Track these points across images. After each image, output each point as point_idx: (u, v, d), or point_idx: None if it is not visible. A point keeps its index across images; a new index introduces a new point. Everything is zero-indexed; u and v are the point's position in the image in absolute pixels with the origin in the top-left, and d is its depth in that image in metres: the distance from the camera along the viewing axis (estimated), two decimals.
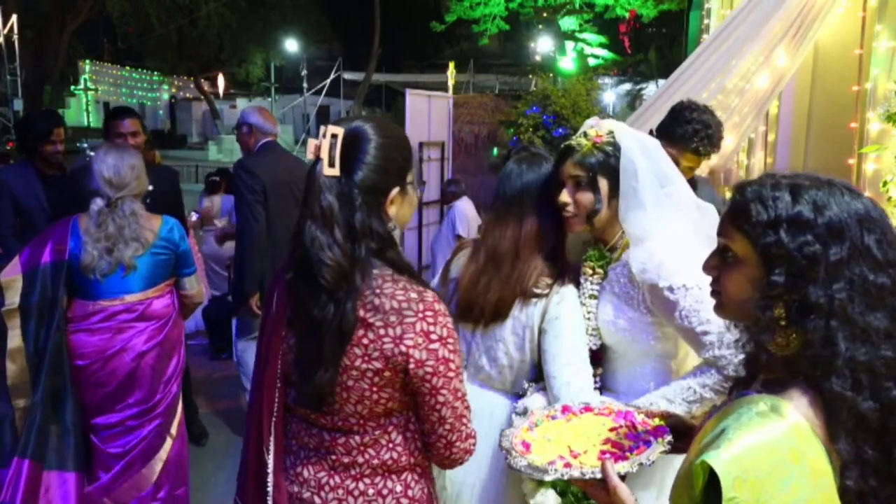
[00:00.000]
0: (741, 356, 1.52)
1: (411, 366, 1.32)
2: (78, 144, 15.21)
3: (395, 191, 1.38)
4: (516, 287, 1.79)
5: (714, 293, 1.09)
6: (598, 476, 1.12)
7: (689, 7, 7.58)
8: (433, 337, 1.32)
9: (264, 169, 3.60)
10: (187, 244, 2.87)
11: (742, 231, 1.00)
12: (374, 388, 1.34)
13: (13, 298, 2.50)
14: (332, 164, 1.31)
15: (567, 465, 1.17)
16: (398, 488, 1.41)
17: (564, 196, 1.77)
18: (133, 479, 2.72)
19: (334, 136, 1.32)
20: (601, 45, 16.64)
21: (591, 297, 1.84)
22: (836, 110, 3.37)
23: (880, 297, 0.93)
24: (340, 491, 1.39)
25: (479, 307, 1.80)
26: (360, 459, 1.39)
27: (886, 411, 0.91)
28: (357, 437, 1.39)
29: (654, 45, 17.38)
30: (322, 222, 1.30)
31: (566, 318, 1.77)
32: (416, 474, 1.45)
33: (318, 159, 1.33)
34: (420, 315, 1.31)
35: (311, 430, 1.42)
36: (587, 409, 1.39)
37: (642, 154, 1.74)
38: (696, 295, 1.63)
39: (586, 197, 1.75)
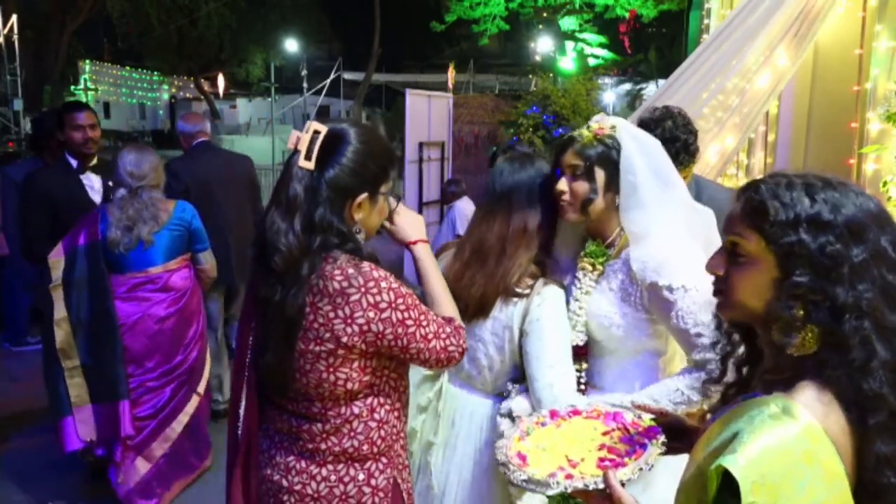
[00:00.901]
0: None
1: (370, 338, 1.38)
2: None
3: (364, 196, 1.44)
4: (500, 283, 1.79)
5: (718, 293, 1.07)
6: (601, 486, 1.10)
7: (689, 7, 7.57)
8: (382, 306, 1.37)
9: (188, 170, 3.89)
10: (199, 223, 3.31)
11: (758, 230, 0.98)
12: (331, 370, 1.39)
13: (57, 276, 3.04)
14: (308, 158, 1.38)
15: (568, 476, 1.15)
16: (360, 476, 1.47)
17: (562, 184, 1.78)
18: (164, 434, 3.21)
19: (317, 132, 1.40)
20: (601, 45, 16.63)
21: (586, 292, 1.83)
22: (836, 110, 3.37)
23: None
24: (305, 476, 1.46)
25: (463, 301, 1.78)
26: (323, 446, 1.45)
27: None
28: (319, 425, 1.45)
29: (654, 45, 17.38)
30: (285, 210, 1.38)
31: (547, 318, 1.76)
32: (380, 464, 1.50)
33: (296, 151, 1.40)
34: (363, 289, 1.36)
35: (282, 415, 1.49)
36: (575, 412, 1.37)
37: (642, 153, 1.75)
38: (694, 296, 1.63)
39: (582, 186, 1.76)
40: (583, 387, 1.84)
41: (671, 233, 1.72)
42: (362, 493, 1.47)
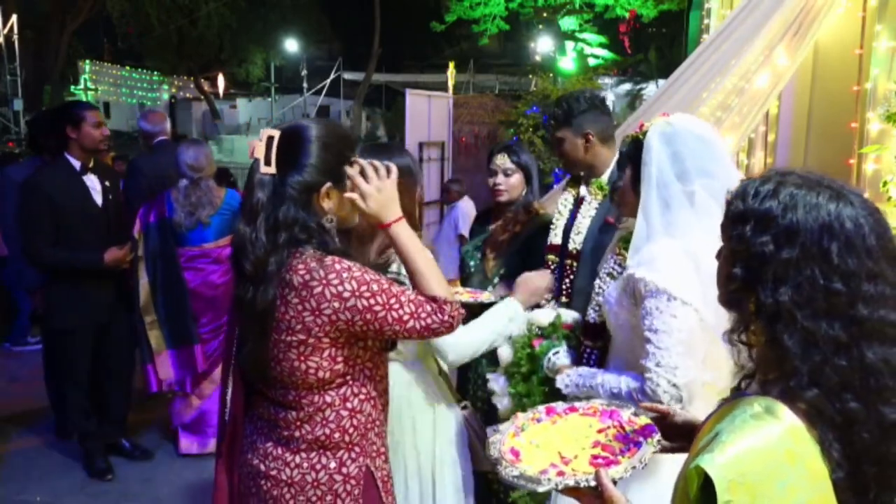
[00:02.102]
0: (670, 385, 1.56)
1: (342, 327, 1.43)
2: None
3: (327, 185, 1.49)
4: None
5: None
6: (593, 484, 1.10)
7: (689, 7, 7.57)
8: (346, 296, 1.41)
9: (149, 166, 4.06)
10: None
11: (722, 224, 1.02)
12: (301, 359, 1.45)
13: (140, 248, 3.68)
14: (267, 163, 1.46)
15: (560, 473, 1.14)
16: (332, 464, 1.52)
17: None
18: (211, 376, 3.83)
19: (270, 137, 1.47)
20: (601, 45, 16.60)
21: (608, 274, 1.92)
22: (836, 110, 3.37)
23: (833, 305, 0.90)
24: (280, 462, 1.52)
25: None
26: (297, 434, 1.51)
27: (847, 423, 0.89)
28: (294, 412, 1.51)
29: (654, 45, 17.33)
30: (249, 217, 1.46)
31: None
32: (352, 453, 1.54)
33: (256, 159, 1.47)
34: (324, 282, 1.41)
35: (264, 402, 1.57)
36: (572, 409, 1.37)
37: (667, 153, 1.72)
38: (660, 301, 1.61)
39: (617, 179, 1.89)
40: (594, 366, 1.91)
41: (683, 235, 1.69)
42: (333, 480, 1.52)
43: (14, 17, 15.00)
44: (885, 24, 2.99)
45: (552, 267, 2.61)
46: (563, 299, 2.52)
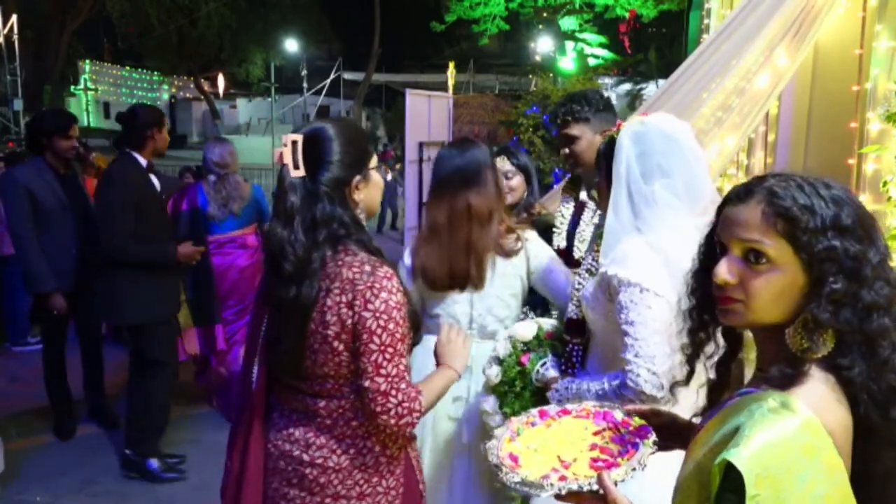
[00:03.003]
0: (650, 373, 1.59)
1: (349, 325, 1.49)
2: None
3: (357, 178, 1.58)
4: (470, 256, 2.14)
5: (729, 300, 1.03)
6: (595, 487, 1.09)
7: (689, 7, 7.57)
8: (370, 307, 1.48)
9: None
10: (266, 202, 4.38)
11: (786, 237, 0.97)
12: (334, 352, 1.51)
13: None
14: (296, 167, 1.51)
15: (562, 478, 1.13)
16: (377, 448, 1.59)
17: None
18: (233, 354, 4.21)
19: (294, 142, 1.52)
20: (601, 45, 16.62)
21: (587, 271, 1.94)
22: (836, 110, 3.36)
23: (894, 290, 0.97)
24: (325, 450, 1.57)
25: (431, 275, 2.18)
26: (341, 422, 1.57)
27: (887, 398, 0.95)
28: (336, 402, 1.56)
29: (654, 45, 17.33)
30: (284, 220, 1.51)
31: (544, 249, 2.30)
32: (393, 435, 1.60)
33: (283, 165, 1.52)
34: (368, 284, 1.49)
35: (297, 395, 1.60)
36: (565, 412, 1.36)
37: (630, 149, 1.76)
38: (634, 292, 1.65)
39: (597, 178, 1.92)
40: (576, 364, 1.93)
41: (651, 231, 1.72)
42: (379, 462, 1.60)
43: (14, 17, 15.01)
44: (885, 24, 2.99)
45: None
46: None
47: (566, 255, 2.59)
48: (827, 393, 0.95)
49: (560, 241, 2.64)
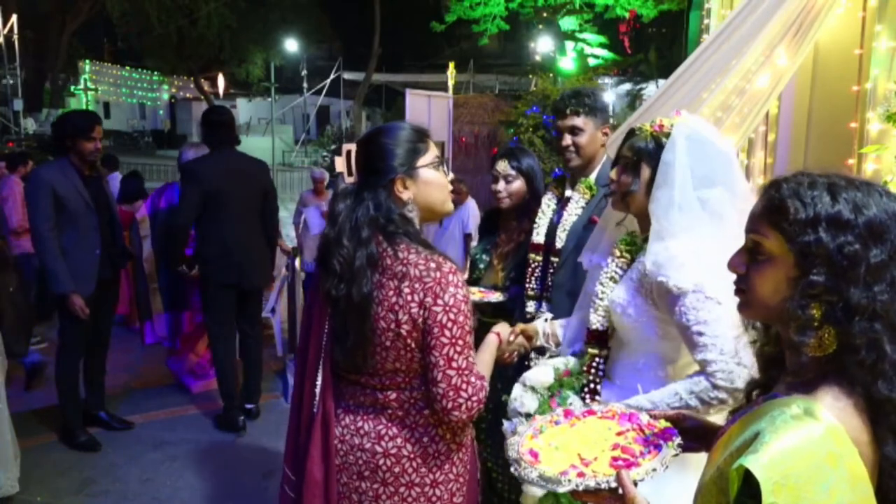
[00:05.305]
0: (741, 366, 1.52)
1: (419, 322, 1.54)
2: None
3: (400, 176, 1.63)
4: None
5: (739, 291, 1.06)
6: (613, 485, 1.08)
7: (689, 7, 7.56)
8: (439, 301, 1.53)
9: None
10: None
11: (778, 228, 0.98)
12: (407, 348, 1.56)
13: (146, 230, 4.98)
14: (349, 174, 1.73)
15: (580, 474, 1.13)
16: (448, 435, 1.65)
17: (612, 174, 1.87)
18: (205, 338, 4.58)
19: (349, 152, 1.74)
20: (601, 45, 16.59)
21: (610, 278, 1.88)
22: (836, 110, 3.36)
23: None
24: (399, 440, 1.63)
25: None
26: (413, 411, 1.63)
27: None
28: (407, 393, 1.62)
29: (654, 45, 17.33)
30: (331, 222, 1.62)
31: None
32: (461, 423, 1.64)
33: (339, 173, 1.71)
34: (436, 280, 1.54)
35: (364, 390, 1.65)
36: (590, 412, 1.36)
37: (690, 154, 1.72)
38: (698, 297, 1.64)
39: (626, 178, 1.82)
40: (601, 374, 1.88)
41: (696, 237, 1.69)
42: (450, 449, 1.66)
43: (14, 17, 15.01)
44: (885, 24, 2.99)
45: (534, 266, 2.63)
46: (546, 294, 2.57)
47: (545, 248, 2.61)
48: (840, 399, 0.93)
49: (537, 235, 2.65)
